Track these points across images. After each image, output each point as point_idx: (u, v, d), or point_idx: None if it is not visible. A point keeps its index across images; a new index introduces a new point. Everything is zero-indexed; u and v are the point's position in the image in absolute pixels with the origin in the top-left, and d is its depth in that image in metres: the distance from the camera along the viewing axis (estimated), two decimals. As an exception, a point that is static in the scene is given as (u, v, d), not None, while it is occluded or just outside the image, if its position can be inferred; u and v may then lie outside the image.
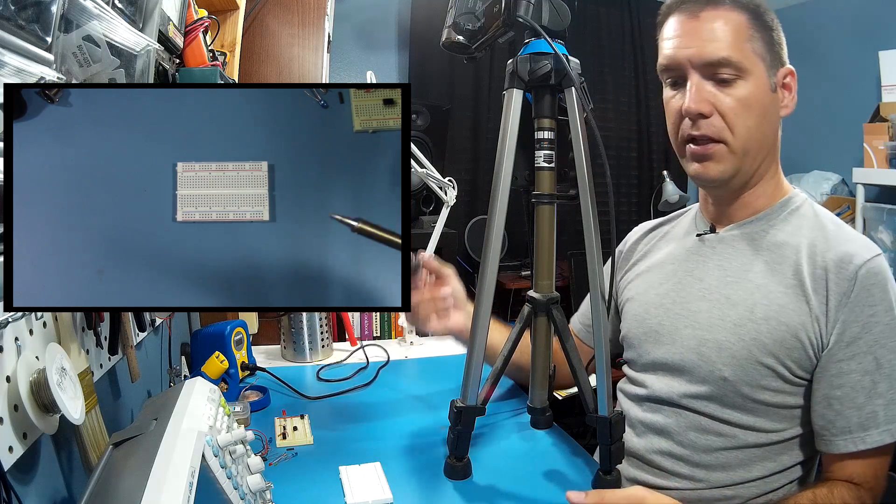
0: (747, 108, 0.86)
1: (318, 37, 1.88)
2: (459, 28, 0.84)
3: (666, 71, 0.91)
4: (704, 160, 0.89)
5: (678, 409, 0.92)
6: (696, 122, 0.87)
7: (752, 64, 0.85)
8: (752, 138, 0.87)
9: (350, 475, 0.85)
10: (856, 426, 0.81)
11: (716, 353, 0.88)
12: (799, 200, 0.93)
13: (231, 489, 0.59)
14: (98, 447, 0.76)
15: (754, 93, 0.85)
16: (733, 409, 0.87)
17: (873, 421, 0.80)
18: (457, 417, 0.82)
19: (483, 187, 2.97)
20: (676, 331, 0.94)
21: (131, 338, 0.94)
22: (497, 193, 0.78)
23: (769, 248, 0.90)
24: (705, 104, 0.85)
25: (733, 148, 0.87)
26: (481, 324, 0.80)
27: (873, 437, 0.80)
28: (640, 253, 1.09)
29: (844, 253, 0.84)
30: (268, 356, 1.42)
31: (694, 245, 0.98)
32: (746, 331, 0.86)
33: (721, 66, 0.84)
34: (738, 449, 0.88)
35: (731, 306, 0.89)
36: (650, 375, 0.97)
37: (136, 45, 0.77)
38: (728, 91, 0.85)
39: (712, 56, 0.84)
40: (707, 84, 0.86)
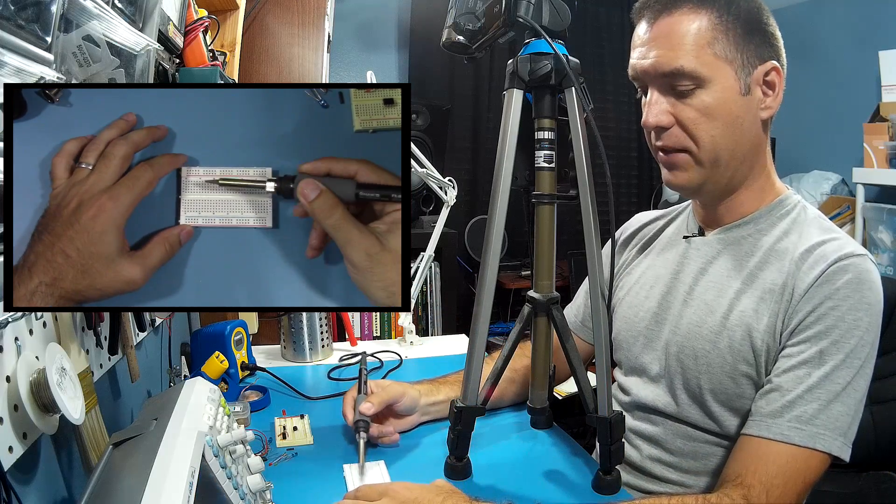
0: (709, 118, 0.82)
1: (318, 37, 1.88)
2: (459, 28, 0.84)
3: (634, 80, 0.89)
4: (673, 169, 0.88)
5: (664, 418, 0.91)
6: (659, 133, 0.86)
7: (712, 70, 0.81)
8: (719, 147, 0.83)
9: (354, 473, 0.85)
10: (770, 411, 0.76)
11: (693, 361, 0.87)
12: (790, 203, 0.90)
13: (231, 489, 0.59)
14: (98, 447, 0.76)
15: (718, 100, 0.82)
16: (716, 417, 0.86)
17: (789, 411, 0.75)
18: (457, 417, 0.82)
19: (483, 187, 2.97)
20: (661, 337, 0.93)
21: (131, 338, 0.94)
22: (497, 193, 0.78)
23: (754, 253, 0.87)
24: (664, 116, 0.84)
25: (699, 157, 0.84)
26: (481, 324, 0.80)
27: (780, 427, 0.74)
28: (634, 247, 1.08)
29: (823, 250, 0.81)
30: (268, 356, 1.42)
31: (682, 247, 0.97)
32: (721, 338, 0.84)
33: (675, 76, 0.81)
34: (724, 456, 0.86)
35: (709, 313, 0.87)
36: (637, 380, 0.97)
37: (136, 45, 0.77)
38: (687, 101, 0.82)
39: (665, 67, 0.82)
40: (666, 96, 0.84)
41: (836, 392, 0.75)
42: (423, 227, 2.28)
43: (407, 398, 0.98)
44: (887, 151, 2.31)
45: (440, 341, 1.65)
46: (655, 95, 0.85)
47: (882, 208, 2.33)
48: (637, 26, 0.87)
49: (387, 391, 0.97)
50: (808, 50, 2.64)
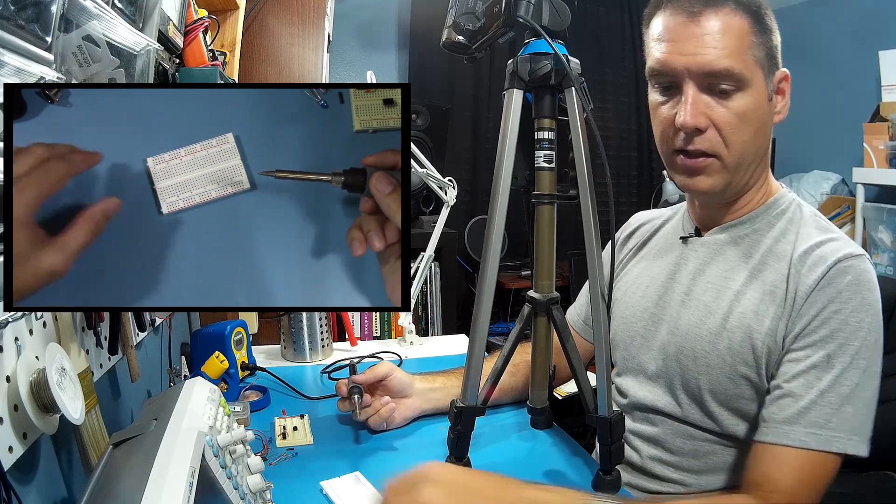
0: (745, 122, 0.81)
1: (318, 37, 1.89)
2: (459, 28, 0.84)
3: (657, 75, 0.85)
4: (695, 174, 0.85)
5: (663, 417, 0.92)
6: (691, 136, 0.82)
7: (752, 74, 0.80)
8: (746, 152, 0.83)
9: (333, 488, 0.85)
10: (784, 418, 0.76)
11: (692, 361, 0.87)
12: (786, 201, 0.90)
13: (231, 489, 0.59)
14: (98, 447, 0.76)
15: (753, 105, 0.81)
16: (715, 417, 0.86)
17: (804, 417, 0.75)
18: (457, 417, 0.82)
19: (483, 187, 2.97)
20: (659, 337, 0.93)
21: (131, 338, 0.94)
22: (497, 193, 0.78)
23: (751, 253, 0.87)
24: (702, 118, 0.80)
25: (727, 163, 0.83)
26: (481, 324, 0.80)
27: (797, 434, 0.74)
28: (631, 247, 1.08)
29: (822, 251, 0.80)
30: (268, 356, 1.42)
31: (679, 247, 0.96)
32: (721, 339, 0.84)
33: (722, 77, 0.79)
34: (725, 454, 0.87)
35: (709, 314, 0.87)
36: (635, 381, 0.97)
37: (135, 45, 0.77)
38: (726, 103, 0.80)
39: (713, 66, 0.78)
40: (703, 96, 0.80)
41: (845, 394, 0.75)
42: (423, 227, 2.28)
43: (395, 377, 1.01)
44: (887, 151, 2.31)
45: (440, 341, 1.65)
46: (693, 94, 0.80)
47: (882, 208, 2.33)
48: (665, 15, 0.83)
49: (375, 368, 1.01)
50: (808, 50, 2.64)
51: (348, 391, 0.97)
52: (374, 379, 0.99)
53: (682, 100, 0.81)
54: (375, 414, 0.98)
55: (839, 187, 2.68)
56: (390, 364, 1.03)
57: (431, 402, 1.04)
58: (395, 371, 1.02)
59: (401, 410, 1.01)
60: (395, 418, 1.00)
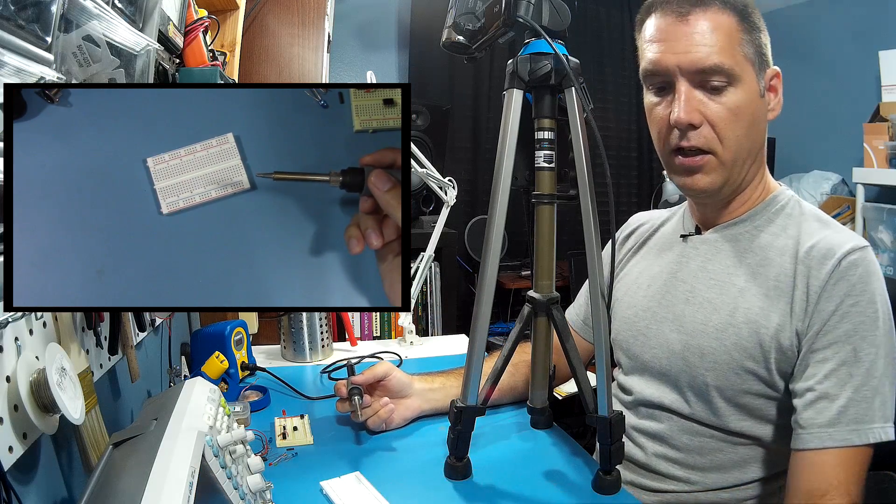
0: (737, 117, 0.82)
1: (318, 37, 1.89)
2: (459, 28, 0.84)
3: (651, 76, 0.87)
4: (693, 173, 0.86)
5: (669, 414, 0.92)
6: (685, 132, 0.83)
7: (742, 70, 0.82)
8: (741, 148, 0.84)
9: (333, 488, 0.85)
10: (825, 420, 0.77)
11: (699, 358, 0.87)
12: (784, 198, 0.91)
13: (231, 489, 0.59)
14: (98, 447, 0.76)
15: (745, 100, 0.82)
16: (721, 414, 0.86)
17: (844, 416, 0.76)
18: (457, 417, 0.82)
19: (483, 187, 2.97)
20: (663, 335, 0.93)
21: (131, 338, 0.94)
22: (497, 193, 0.78)
23: (753, 249, 0.88)
24: (696, 114, 0.82)
25: (723, 159, 0.84)
26: (481, 324, 0.80)
27: (841, 434, 0.76)
28: (631, 247, 1.09)
29: (828, 245, 0.81)
30: (268, 356, 1.42)
31: (679, 246, 0.97)
32: (727, 336, 0.85)
33: (713, 73, 0.81)
34: (731, 451, 0.87)
35: (714, 311, 0.87)
36: (639, 379, 0.97)
37: (135, 45, 0.77)
38: (718, 99, 0.82)
39: (704, 63, 0.80)
40: (696, 92, 0.82)
41: (875, 386, 0.77)
42: (423, 227, 2.28)
43: (394, 378, 1.01)
44: (887, 151, 2.31)
45: (440, 341, 1.65)
46: (686, 90, 0.82)
47: (882, 208, 2.33)
48: (654, 18, 0.85)
49: (374, 369, 1.01)
50: (808, 50, 2.64)
51: (348, 392, 0.97)
52: (372, 379, 0.99)
53: (675, 98, 0.83)
54: (374, 415, 0.98)
55: (839, 187, 2.68)
56: (389, 364, 1.03)
57: (431, 402, 1.04)
58: (394, 371, 1.02)
59: (400, 411, 1.01)
60: (395, 419, 1.00)
